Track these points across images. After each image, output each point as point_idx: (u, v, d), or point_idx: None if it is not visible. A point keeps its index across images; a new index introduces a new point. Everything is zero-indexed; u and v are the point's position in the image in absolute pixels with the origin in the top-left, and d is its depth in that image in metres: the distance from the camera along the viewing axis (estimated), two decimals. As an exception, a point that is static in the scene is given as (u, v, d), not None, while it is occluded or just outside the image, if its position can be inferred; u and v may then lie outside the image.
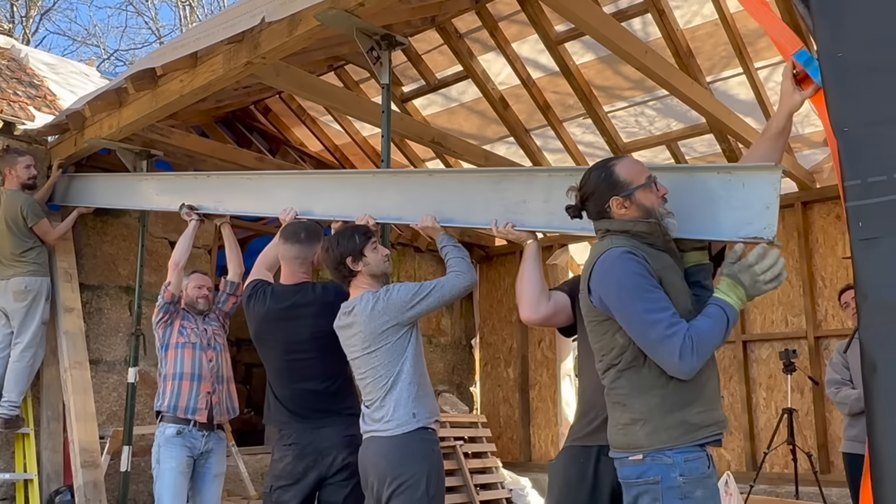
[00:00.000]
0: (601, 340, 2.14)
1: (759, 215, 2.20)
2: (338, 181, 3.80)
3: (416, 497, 2.67)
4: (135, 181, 4.95)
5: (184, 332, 4.01)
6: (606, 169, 2.20)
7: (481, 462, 7.12)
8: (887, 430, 1.71)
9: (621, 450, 2.08)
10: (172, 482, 3.74)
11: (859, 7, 1.90)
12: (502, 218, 2.85)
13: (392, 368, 2.78)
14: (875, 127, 1.82)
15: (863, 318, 1.79)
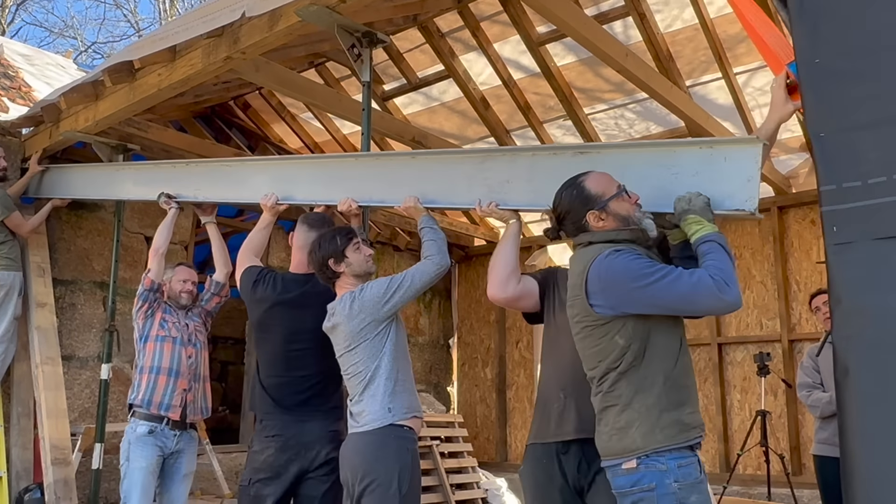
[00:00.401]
0: (598, 344, 2.13)
1: (741, 188, 2.25)
2: (319, 166, 3.72)
3: (387, 495, 2.68)
4: (111, 171, 4.86)
5: (165, 326, 3.91)
6: (577, 185, 2.26)
7: (457, 462, 7.12)
8: (859, 434, 1.72)
9: (616, 456, 2.08)
10: (141, 482, 3.66)
11: (837, 14, 1.92)
12: (486, 198, 2.85)
13: (370, 364, 2.80)
14: (850, 133, 1.84)
15: (836, 323, 1.81)
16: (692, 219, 2.18)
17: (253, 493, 3.06)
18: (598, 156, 2.68)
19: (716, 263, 2.04)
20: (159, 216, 5.99)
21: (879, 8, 1.86)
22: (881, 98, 1.82)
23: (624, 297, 2.08)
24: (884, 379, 1.69)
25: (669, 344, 2.11)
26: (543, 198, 2.63)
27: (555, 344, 2.56)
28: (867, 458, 1.70)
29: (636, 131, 6.49)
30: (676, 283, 2.02)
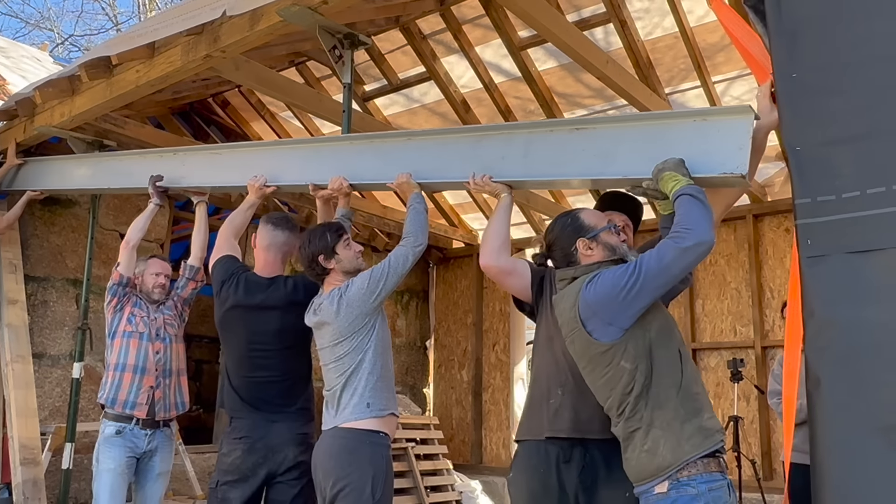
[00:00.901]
0: (605, 374, 2.16)
1: (733, 156, 2.32)
2: (312, 149, 3.67)
3: (360, 499, 2.68)
4: (92, 162, 4.75)
5: (132, 321, 3.81)
6: (572, 215, 2.37)
7: (432, 464, 7.12)
8: (829, 444, 1.75)
9: (649, 478, 2.09)
10: (109, 484, 3.60)
11: (814, 30, 1.94)
12: (480, 173, 2.87)
13: (355, 356, 2.81)
14: (825, 147, 1.87)
15: (808, 334, 1.83)
16: (668, 175, 2.27)
17: (220, 496, 3.04)
18: (595, 131, 2.71)
19: (680, 218, 2.12)
20: (135, 213, 5.94)
21: (856, 25, 1.89)
22: (856, 113, 1.84)
23: (617, 311, 2.11)
24: (854, 391, 1.72)
25: (671, 356, 2.15)
26: (538, 172, 2.78)
27: (551, 342, 2.55)
28: (837, 470, 1.72)
29: (615, 137, 6.53)
30: (648, 268, 2.08)
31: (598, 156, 2.64)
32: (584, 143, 2.70)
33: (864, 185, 1.79)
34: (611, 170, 2.61)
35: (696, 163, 2.35)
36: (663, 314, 2.23)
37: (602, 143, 2.64)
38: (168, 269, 4.03)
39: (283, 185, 3.59)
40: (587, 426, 2.38)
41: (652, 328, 2.14)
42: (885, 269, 1.73)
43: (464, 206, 8.12)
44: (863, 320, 1.74)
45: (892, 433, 1.65)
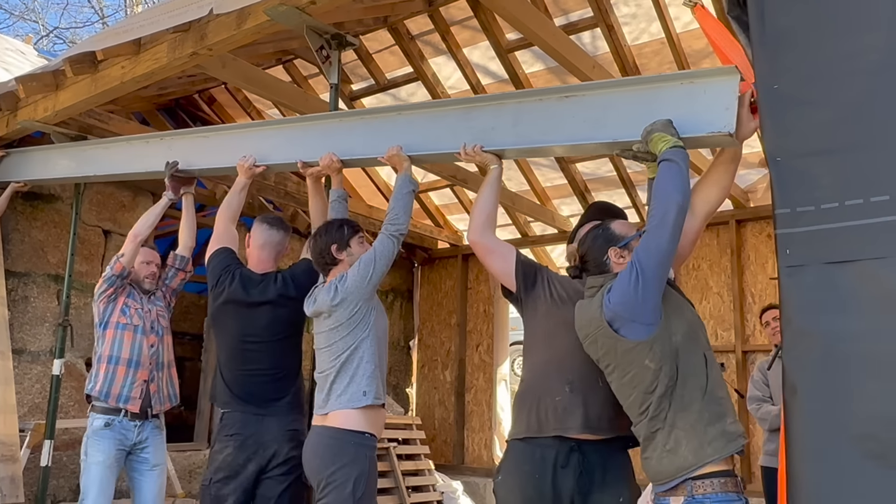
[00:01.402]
0: (628, 372, 2.18)
1: (720, 116, 2.37)
2: (301, 128, 3.64)
3: (342, 496, 2.73)
4: (76, 151, 4.68)
5: (126, 312, 3.77)
6: (604, 227, 2.43)
7: (414, 464, 7.13)
8: (804, 452, 1.77)
9: (669, 478, 2.11)
10: (98, 477, 3.57)
11: (797, 43, 1.97)
12: (470, 144, 2.90)
13: (349, 342, 2.86)
14: (805, 159, 1.89)
15: (786, 343, 1.85)
16: (657, 137, 2.33)
17: (213, 493, 3.07)
18: (584, 98, 2.75)
19: (652, 195, 2.25)
20: (118, 209, 5.93)
21: (838, 38, 1.91)
22: (836, 126, 1.87)
23: (634, 307, 2.14)
24: (829, 400, 1.74)
25: (696, 361, 2.16)
26: (528, 140, 2.82)
27: (553, 338, 2.54)
28: (811, 478, 1.74)
29: (601, 141, 6.56)
30: (642, 259, 2.13)
31: (588, 121, 2.69)
32: (573, 109, 2.74)
33: (842, 196, 1.81)
34: (601, 134, 2.66)
35: (685, 124, 2.40)
36: (689, 319, 2.23)
37: (591, 110, 2.69)
38: (157, 257, 4.02)
39: (273, 165, 3.60)
40: (597, 423, 2.39)
41: (678, 333, 2.16)
42: (861, 279, 1.75)
43: (449, 206, 8.14)
44: (839, 330, 1.76)
45: (866, 442, 1.67)
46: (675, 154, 2.26)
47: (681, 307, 2.24)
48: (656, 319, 2.14)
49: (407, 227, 3.02)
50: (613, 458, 2.42)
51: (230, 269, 3.25)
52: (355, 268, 2.90)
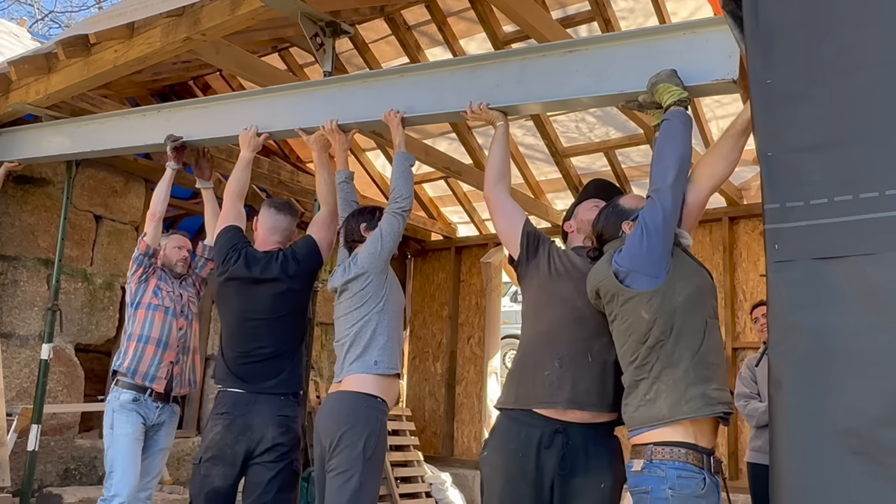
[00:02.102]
0: (627, 320, 2.26)
1: (724, 63, 2.41)
2: (304, 94, 3.63)
3: (352, 455, 2.82)
4: (72, 128, 4.62)
5: (158, 294, 3.80)
6: (614, 205, 2.51)
7: (403, 455, 7.14)
8: (788, 446, 1.78)
9: (641, 425, 2.20)
10: (127, 449, 3.56)
11: (790, 38, 1.96)
12: (476, 102, 2.93)
13: (364, 312, 2.98)
14: (796, 154, 1.89)
15: (772, 338, 1.86)
16: (662, 87, 2.40)
17: (203, 473, 3.11)
18: (587, 52, 2.79)
19: (654, 158, 2.33)
20: (110, 195, 5.91)
21: (832, 35, 1.91)
22: (827, 122, 1.87)
23: (641, 261, 2.23)
24: (813, 395, 1.74)
25: (696, 324, 2.22)
26: (533, 95, 2.87)
27: (546, 310, 2.57)
28: (794, 472, 1.75)
29: (596, 135, 6.56)
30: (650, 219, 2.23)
31: (592, 75, 2.72)
32: (577, 63, 2.78)
33: (832, 192, 1.81)
34: (606, 87, 2.69)
35: (689, 73, 2.43)
36: (699, 284, 2.28)
37: (595, 63, 2.73)
38: (188, 243, 4.05)
39: (275, 132, 3.62)
40: (585, 398, 2.41)
41: (682, 294, 2.22)
42: (848, 276, 1.75)
43: (443, 198, 8.13)
44: (825, 326, 1.76)
45: (848, 437, 1.68)
46: (675, 114, 2.34)
47: (691, 272, 2.29)
48: (660, 273, 2.21)
49: (410, 201, 3.11)
50: (599, 443, 2.43)
51: (238, 248, 3.29)
52: (365, 245, 3.05)
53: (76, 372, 5.57)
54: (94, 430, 6.00)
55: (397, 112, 3.14)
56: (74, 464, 5.46)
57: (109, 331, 5.83)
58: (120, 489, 3.50)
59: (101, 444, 5.55)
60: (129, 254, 5.77)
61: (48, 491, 4.97)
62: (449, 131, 6.79)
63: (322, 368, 7.60)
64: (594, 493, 2.38)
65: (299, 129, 3.44)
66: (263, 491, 3.05)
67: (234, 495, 3.14)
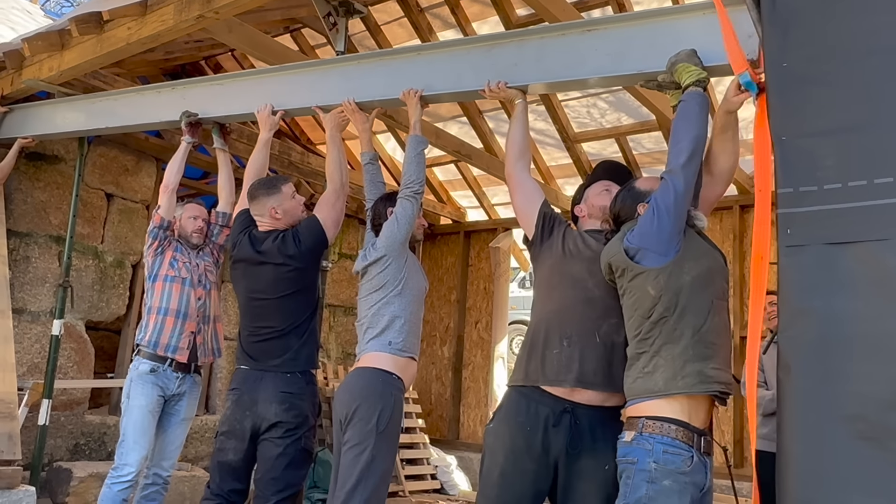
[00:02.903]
0: (634, 295, 2.31)
1: (743, 44, 2.36)
2: (320, 72, 3.63)
3: (366, 429, 2.87)
4: (86, 104, 4.63)
5: (175, 265, 3.81)
6: (630, 187, 2.54)
7: (409, 437, 7.18)
8: (795, 431, 1.78)
9: (636, 396, 2.26)
10: (140, 420, 3.60)
11: (807, 21, 1.95)
12: (494, 81, 2.94)
13: (383, 294, 3.04)
14: (810, 138, 1.88)
15: (782, 322, 1.86)
16: (681, 67, 2.40)
17: (218, 446, 3.22)
18: (607, 31, 2.78)
19: (672, 146, 2.32)
20: (121, 173, 5.92)
21: (849, 18, 1.89)
22: (842, 106, 1.86)
23: (651, 240, 2.26)
24: (822, 380, 1.75)
25: (701, 304, 2.24)
26: (552, 75, 2.86)
27: (557, 290, 2.59)
28: (801, 456, 1.75)
29: (607, 121, 6.53)
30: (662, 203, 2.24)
31: (611, 55, 2.71)
32: (596, 43, 2.77)
33: (846, 177, 1.81)
34: (624, 67, 2.69)
35: (707, 53, 2.42)
36: (709, 266, 2.30)
37: (614, 42, 2.72)
38: (204, 213, 4.03)
39: (291, 110, 3.62)
40: (591, 378, 2.43)
41: (690, 274, 2.25)
42: (861, 261, 1.75)
43: (453, 182, 8.12)
44: (836, 311, 1.76)
45: (857, 422, 1.68)
46: (692, 95, 2.35)
47: (702, 253, 2.31)
48: (668, 252, 2.24)
49: (422, 185, 3.14)
50: (605, 425, 2.44)
51: (245, 231, 3.35)
52: (383, 230, 3.10)
53: (86, 348, 5.61)
54: (104, 406, 6.06)
55: (416, 91, 3.13)
56: (84, 439, 5.51)
57: (119, 308, 5.86)
58: (130, 459, 3.55)
59: (111, 420, 5.65)
60: (140, 232, 5.86)
61: (58, 465, 5.02)
62: (460, 115, 6.77)
63: (330, 350, 7.64)
64: (599, 474, 2.39)
65: (315, 107, 3.44)
66: (272, 466, 3.09)
67: (246, 468, 3.20)
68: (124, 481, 3.52)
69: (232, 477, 3.17)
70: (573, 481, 2.42)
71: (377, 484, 2.85)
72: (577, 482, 2.42)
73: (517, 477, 2.44)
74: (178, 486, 5.05)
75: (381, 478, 2.88)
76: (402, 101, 3.21)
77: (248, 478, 3.23)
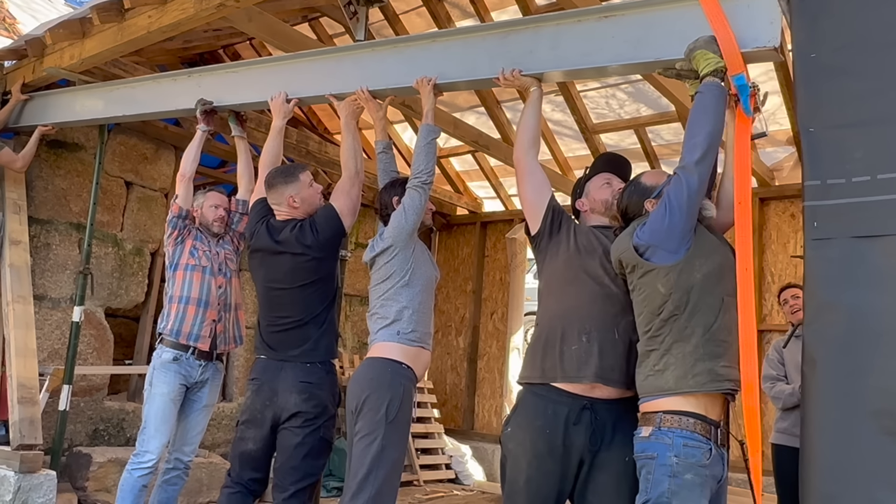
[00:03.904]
0: (644, 292, 2.29)
1: (765, 30, 2.33)
2: (334, 59, 3.61)
3: (375, 419, 2.88)
4: (104, 92, 4.65)
5: (195, 254, 3.83)
6: (636, 183, 2.52)
7: (424, 427, 7.20)
8: (820, 425, 1.77)
9: (647, 394, 2.26)
10: (162, 407, 3.63)
11: (836, 11, 1.92)
12: (509, 68, 2.90)
13: (391, 284, 3.05)
14: (839, 130, 1.85)
15: (808, 316, 1.84)
16: (699, 54, 2.35)
17: (239, 435, 3.25)
18: (624, 17, 2.72)
19: (686, 140, 2.29)
20: (140, 161, 5.96)
21: (879, 8, 1.86)
22: (872, 97, 1.83)
23: (663, 236, 2.24)
24: (848, 374, 1.73)
25: (712, 301, 2.22)
26: (567, 62, 2.81)
27: (573, 285, 2.55)
28: (826, 451, 1.74)
29: (626, 112, 6.48)
30: (675, 196, 2.22)
31: (629, 41, 2.65)
32: (613, 29, 2.71)
33: (875, 169, 1.78)
34: (643, 54, 2.64)
35: None
36: (720, 263, 2.28)
37: (632, 29, 2.66)
38: (226, 201, 4.03)
39: (305, 98, 3.62)
40: (610, 373, 2.41)
41: (700, 272, 2.23)
42: (889, 255, 1.73)
43: (470, 173, 8.10)
44: (863, 305, 1.74)
45: (882, 418, 1.66)
46: (709, 87, 2.29)
47: (713, 249, 2.29)
48: (679, 250, 2.23)
49: (431, 175, 3.12)
50: (624, 418, 2.43)
51: (263, 220, 3.34)
52: (391, 221, 3.09)
53: (106, 335, 5.66)
54: (122, 392, 6.12)
55: (430, 79, 3.12)
56: (103, 424, 5.57)
57: (138, 296, 5.91)
58: (151, 446, 3.58)
59: (129, 406, 5.70)
60: (159, 220, 5.90)
61: (78, 450, 5.08)
62: (478, 105, 6.75)
63: (346, 339, 7.66)
64: (619, 466, 2.38)
65: (329, 96, 3.43)
66: (290, 456, 3.10)
67: (266, 458, 3.21)
68: (145, 468, 3.56)
69: (251, 466, 3.19)
70: (594, 474, 2.42)
71: (388, 473, 2.86)
72: (597, 475, 2.41)
73: (542, 481, 2.43)
74: (196, 473, 5.08)
75: (393, 467, 2.89)
76: (415, 89, 3.19)
77: (267, 467, 3.24)
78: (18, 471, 4.12)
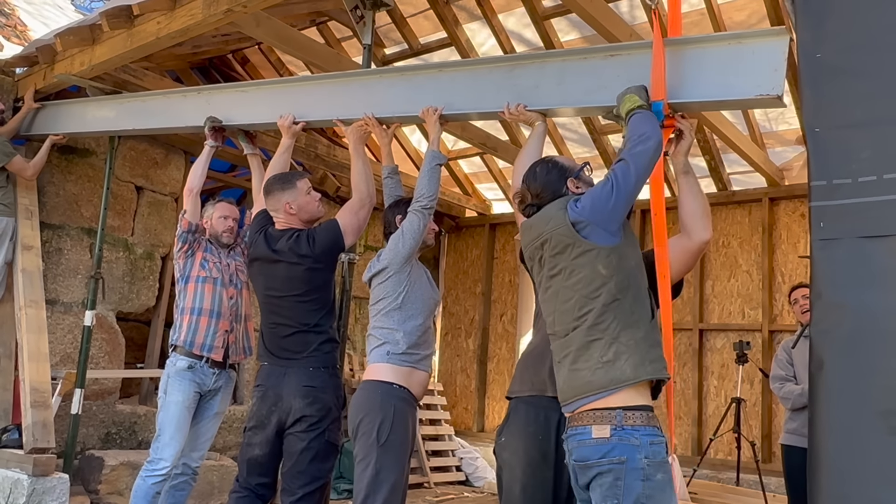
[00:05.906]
0: (578, 274, 2.16)
1: (768, 78, 2.35)
2: (341, 84, 3.64)
3: (368, 443, 2.88)
4: (114, 104, 4.71)
5: (205, 266, 3.85)
6: (549, 161, 2.46)
7: (435, 429, 7.21)
8: (828, 427, 1.76)
9: (601, 389, 2.06)
10: (177, 415, 3.65)
11: (842, 11, 1.92)
12: (514, 102, 2.91)
13: (383, 306, 3.05)
14: (845, 130, 1.85)
15: (815, 316, 1.84)
16: (627, 98, 2.38)
17: (246, 441, 3.26)
18: (629, 57, 2.73)
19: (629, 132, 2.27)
20: (150, 166, 6.00)
21: (885, 7, 1.86)
22: (878, 97, 1.82)
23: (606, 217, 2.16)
24: (856, 375, 1.72)
25: (645, 289, 2.21)
26: (572, 99, 2.83)
27: None
28: (834, 451, 1.73)
29: (635, 113, 6.47)
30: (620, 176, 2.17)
31: (634, 82, 2.60)
32: (618, 69, 2.71)
33: (881, 169, 1.78)
34: None
35: (731, 85, 2.38)
36: (638, 258, 2.26)
37: (636, 69, 2.65)
38: (235, 212, 4.05)
39: (312, 122, 3.64)
40: None
41: (633, 260, 2.21)
42: (895, 255, 1.72)
43: (478, 175, 8.11)
44: (871, 305, 1.74)
45: (891, 418, 1.66)
46: (634, 116, 2.32)
47: (635, 244, 2.27)
48: (616, 234, 2.17)
49: (433, 200, 3.09)
50: None
51: (264, 229, 3.37)
52: (388, 244, 3.10)
53: (117, 339, 5.70)
54: (134, 396, 6.15)
55: (436, 109, 3.13)
56: (115, 428, 5.60)
57: (149, 300, 5.94)
58: (165, 454, 3.61)
59: (141, 409, 5.74)
60: (169, 225, 5.93)
61: (90, 453, 5.11)
62: (486, 107, 6.75)
63: (356, 342, 7.68)
64: None
65: (337, 120, 3.45)
66: (297, 461, 3.11)
67: (273, 463, 3.22)
68: (159, 475, 3.58)
69: (258, 471, 3.20)
70: None
71: (386, 497, 2.84)
72: None
73: (538, 488, 2.43)
74: (207, 476, 5.11)
75: (391, 490, 2.86)
76: (421, 118, 3.20)
77: (275, 472, 3.25)
78: (32, 474, 4.16)
